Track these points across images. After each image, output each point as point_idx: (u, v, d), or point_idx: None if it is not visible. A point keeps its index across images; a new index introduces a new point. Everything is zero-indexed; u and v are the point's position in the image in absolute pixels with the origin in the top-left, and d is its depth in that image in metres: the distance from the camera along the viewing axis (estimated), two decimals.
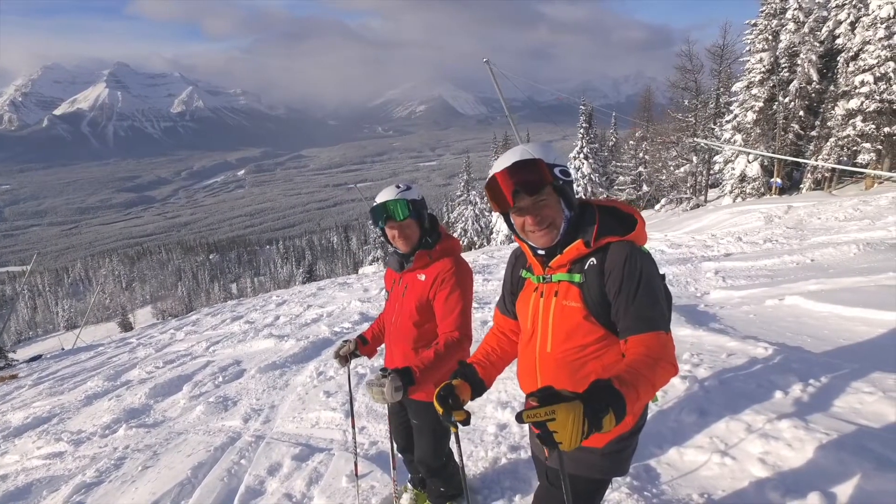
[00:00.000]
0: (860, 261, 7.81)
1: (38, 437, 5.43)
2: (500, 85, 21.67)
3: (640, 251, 1.63)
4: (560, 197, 1.66)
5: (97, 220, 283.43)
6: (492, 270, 12.47)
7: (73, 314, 65.54)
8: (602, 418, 1.26)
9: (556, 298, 1.72)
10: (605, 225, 1.66)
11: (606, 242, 1.64)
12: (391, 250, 2.63)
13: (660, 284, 1.64)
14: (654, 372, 1.45)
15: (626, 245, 1.62)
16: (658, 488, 2.91)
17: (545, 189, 1.62)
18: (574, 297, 1.67)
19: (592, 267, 1.64)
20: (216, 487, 3.68)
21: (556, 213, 1.66)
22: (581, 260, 1.67)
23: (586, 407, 1.26)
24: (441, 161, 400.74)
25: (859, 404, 3.20)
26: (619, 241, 1.63)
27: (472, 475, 3.35)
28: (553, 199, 1.65)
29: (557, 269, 1.71)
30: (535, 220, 1.65)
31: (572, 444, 1.24)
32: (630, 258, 1.59)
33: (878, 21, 19.08)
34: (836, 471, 2.63)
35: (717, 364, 4.21)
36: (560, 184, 1.64)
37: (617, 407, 1.29)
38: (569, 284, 1.69)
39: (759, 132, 23.88)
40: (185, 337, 11.44)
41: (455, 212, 45.66)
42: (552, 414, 1.24)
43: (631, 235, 1.64)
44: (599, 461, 1.77)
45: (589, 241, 1.64)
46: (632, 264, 1.59)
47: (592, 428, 1.25)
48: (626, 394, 1.33)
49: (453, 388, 1.74)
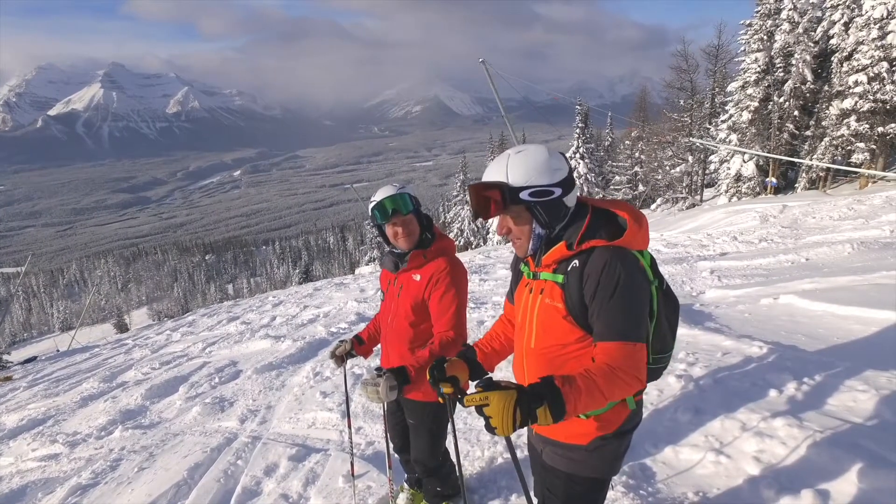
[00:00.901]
0: (854, 260, 7.85)
1: (33, 438, 5.41)
2: (496, 85, 21.69)
3: (622, 258, 1.61)
4: (531, 216, 1.69)
5: (92, 221, 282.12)
6: (488, 270, 12.48)
7: (68, 315, 65.08)
8: (535, 409, 1.35)
9: (541, 296, 1.75)
10: (592, 228, 1.66)
11: (591, 246, 1.64)
12: (386, 251, 2.64)
13: (640, 294, 1.62)
14: (609, 381, 1.48)
15: (608, 251, 1.61)
16: (653, 487, 2.92)
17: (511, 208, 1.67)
18: (557, 297, 1.70)
19: (574, 269, 1.66)
20: (213, 488, 3.68)
21: (519, 229, 1.72)
22: (565, 261, 1.69)
23: (520, 396, 1.36)
24: (437, 161, 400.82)
25: (853, 402, 3.22)
26: (603, 245, 1.63)
27: (469, 474, 3.36)
28: (520, 217, 1.70)
29: (545, 267, 1.75)
30: (503, 232, 1.76)
31: (505, 430, 1.34)
32: (609, 265, 1.59)
33: (872, 21, 19.17)
34: (831, 468, 2.65)
35: (712, 363, 4.24)
36: (531, 204, 1.65)
37: (554, 403, 1.37)
38: (553, 284, 1.71)
39: (754, 132, 23.97)
40: (182, 338, 11.41)
41: (451, 212, 45.71)
42: (486, 400, 1.37)
43: (619, 241, 1.63)
44: (586, 458, 1.79)
45: (572, 244, 1.66)
46: (609, 271, 1.58)
47: (527, 418, 1.35)
48: (568, 394, 1.40)
49: (445, 361, 1.83)
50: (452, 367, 1.86)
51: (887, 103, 19.09)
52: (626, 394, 1.56)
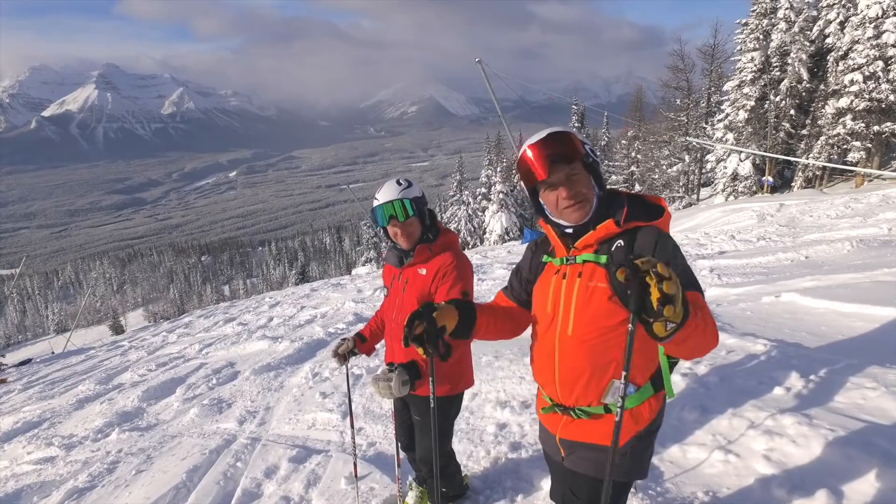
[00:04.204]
0: (854, 257, 7.83)
1: (29, 441, 5.34)
2: (493, 85, 21.68)
3: (668, 235, 1.65)
4: (590, 174, 1.68)
5: (87, 222, 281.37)
6: (485, 270, 12.43)
7: (63, 317, 64.80)
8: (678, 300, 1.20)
9: (580, 279, 1.68)
10: (633, 209, 1.67)
11: (635, 226, 1.65)
12: (390, 245, 2.60)
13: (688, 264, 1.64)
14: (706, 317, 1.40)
15: (655, 229, 1.64)
16: (662, 486, 2.88)
17: (577, 164, 1.64)
18: (600, 278, 1.64)
19: (619, 248, 1.63)
20: (212, 491, 3.62)
21: (588, 189, 1.67)
22: (609, 241, 1.67)
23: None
24: (433, 161, 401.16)
25: (862, 400, 3.18)
26: (647, 225, 1.65)
27: (473, 475, 3.31)
28: (584, 176, 1.66)
29: (583, 249, 1.69)
30: (570, 194, 1.64)
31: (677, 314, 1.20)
32: (661, 238, 1.61)
33: (867, 20, 19.26)
34: (844, 467, 2.60)
35: (716, 361, 4.19)
36: (590, 161, 1.67)
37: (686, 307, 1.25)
38: (594, 265, 1.66)
39: (750, 131, 24.05)
40: (178, 339, 11.32)
41: (448, 212, 45.61)
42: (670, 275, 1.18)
43: (658, 222, 1.66)
44: (620, 461, 1.72)
45: (619, 221, 1.64)
46: (664, 242, 1.60)
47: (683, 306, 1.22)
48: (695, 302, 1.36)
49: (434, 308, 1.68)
50: (443, 314, 1.68)
51: (883, 102, 19.20)
52: (714, 342, 1.44)
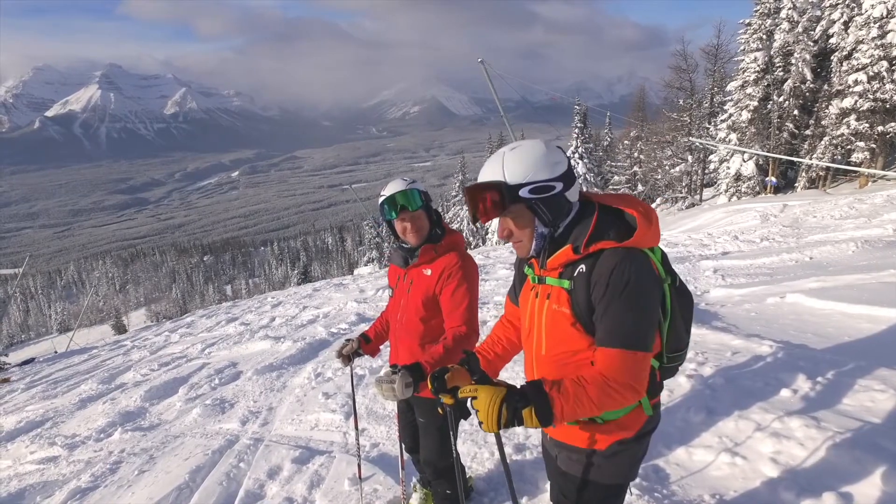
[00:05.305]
0: (859, 258, 7.80)
1: (32, 441, 5.33)
2: (495, 85, 21.63)
3: (633, 261, 1.51)
4: (533, 214, 1.58)
5: (90, 222, 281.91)
6: (488, 271, 12.40)
7: (65, 317, 64.91)
8: (521, 410, 1.38)
9: (548, 301, 1.66)
10: (600, 229, 1.55)
11: (599, 248, 1.53)
12: (395, 246, 2.58)
13: (648, 300, 1.53)
14: (601, 392, 1.44)
15: (618, 254, 1.51)
16: (668, 489, 2.86)
17: (509, 208, 1.57)
18: (563, 303, 1.61)
19: (581, 274, 1.56)
20: (215, 491, 3.61)
21: (520, 231, 1.62)
22: (572, 265, 1.60)
23: (508, 395, 1.40)
24: (436, 162, 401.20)
25: (871, 402, 3.15)
26: (612, 247, 1.53)
27: (477, 477, 3.29)
28: (521, 216, 1.59)
29: (550, 271, 1.66)
30: (501, 234, 1.65)
31: (490, 425, 1.38)
32: (618, 268, 1.49)
33: (872, 20, 19.18)
34: (852, 470, 2.58)
35: (721, 362, 4.17)
36: (532, 202, 1.55)
37: (540, 406, 1.39)
38: (559, 289, 1.62)
39: (753, 131, 23.98)
40: (180, 339, 11.32)
41: (450, 212, 45.70)
42: (475, 392, 1.43)
43: (629, 241, 1.53)
44: (604, 463, 1.71)
45: (578, 248, 1.55)
46: (618, 275, 1.48)
47: (512, 417, 1.38)
48: (556, 399, 1.41)
49: (447, 370, 1.72)
50: (454, 377, 1.71)
51: (887, 102, 19.12)
52: (620, 405, 1.49)
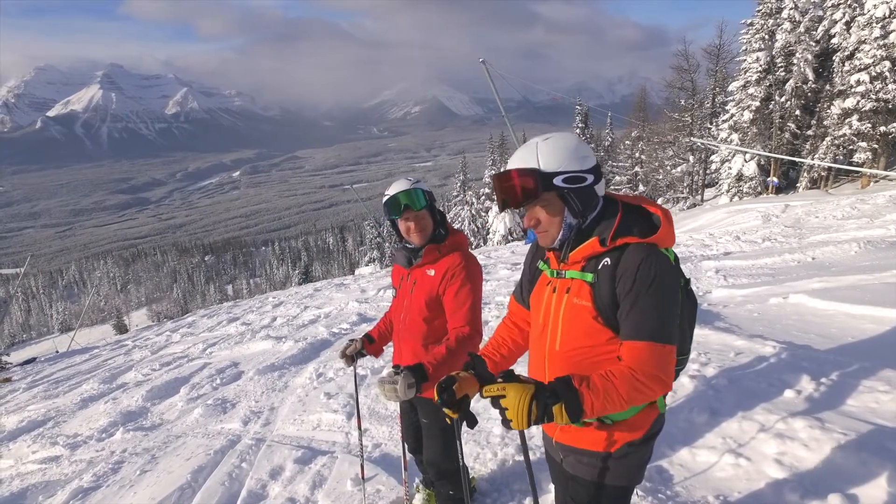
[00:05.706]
0: (862, 259, 7.77)
1: (34, 441, 5.34)
2: (496, 85, 21.60)
3: (658, 256, 1.54)
4: (563, 204, 1.60)
5: (91, 222, 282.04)
6: (489, 270, 12.39)
7: (67, 317, 64.93)
8: (551, 406, 1.36)
9: (567, 295, 1.65)
10: (625, 224, 1.58)
11: (624, 243, 1.56)
12: (398, 246, 2.58)
13: (673, 295, 1.55)
14: (629, 386, 1.44)
15: (643, 249, 1.54)
16: (672, 490, 2.84)
17: (542, 196, 1.57)
18: (585, 297, 1.60)
19: (606, 267, 1.57)
20: (217, 491, 3.60)
21: (549, 219, 1.62)
22: (596, 258, 1.60)
23: (538, 392, 1.37)
24: (437, 162, 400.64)
25: (875, 403, 3.14)
26: (637, 242, 1.55)
27: (480, 477, 3.28)
28: (552, 205, 1.60)
29: (572, 265, 1.65)
30: (529, 223, 1.66)
31: (520, 423, 1.35)
32: (645, 262, 1.51)
33: (874, 20, 19.15)
34: (857, 472, 2.57)
35: (725, 363, 4.16)
36: (564, 191, 1.57)
37: (570, 402, 1.37)
38: (581, 282, 1.62)
39: (755, 131, 23.95)
40: (182, 339, 11.33)
41: (451, 212, 45.60)
42: (503, 391, 1.39)
43: (652, 238, 1.56)
44: (614, 466, 1.70)
45: (605, 240, 1.56)
46: (645, 269, 1.51)
47: (542, 414, 1.36)
48: (585, 394, 1.39)
49: (454, 380, 1.65)
50: (463, 385, 1.66)
51: (889, 102, 19.08)
52: (649, 398, 1.50)
